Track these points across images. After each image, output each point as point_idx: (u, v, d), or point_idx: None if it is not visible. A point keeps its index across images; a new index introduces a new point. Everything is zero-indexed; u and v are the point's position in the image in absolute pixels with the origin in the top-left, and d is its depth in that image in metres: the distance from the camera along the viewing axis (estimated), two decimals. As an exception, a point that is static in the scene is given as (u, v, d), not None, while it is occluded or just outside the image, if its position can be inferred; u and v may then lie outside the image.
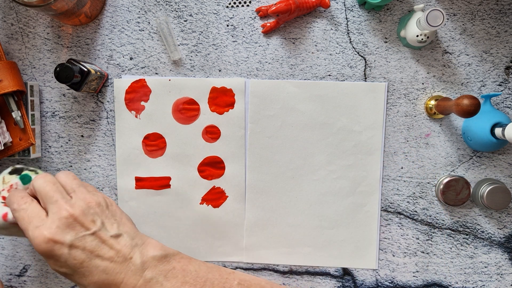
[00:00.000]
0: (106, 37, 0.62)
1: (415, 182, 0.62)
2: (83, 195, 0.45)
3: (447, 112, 0.56)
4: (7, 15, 0.62)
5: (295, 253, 0.63)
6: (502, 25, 0.61)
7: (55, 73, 0.54)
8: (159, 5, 0.62)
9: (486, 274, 0.62)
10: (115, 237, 0.44)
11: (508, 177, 0.62)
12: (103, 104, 0.63)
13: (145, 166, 0.63)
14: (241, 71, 0.62)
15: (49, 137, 0.64)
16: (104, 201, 0.46)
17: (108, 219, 0.45)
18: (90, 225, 0.43)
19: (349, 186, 0.62)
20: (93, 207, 0.44)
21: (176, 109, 0.62)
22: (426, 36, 0.57)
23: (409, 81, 0.62)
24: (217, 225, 0.63)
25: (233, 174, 0.63)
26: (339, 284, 0.63)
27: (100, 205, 0.45)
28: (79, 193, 0.45)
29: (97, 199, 0.46)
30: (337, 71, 0.62)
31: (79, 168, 0.64)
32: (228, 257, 0.64)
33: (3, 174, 0.53)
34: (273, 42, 0.62)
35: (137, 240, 0.45)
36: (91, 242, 0.43)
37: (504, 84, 0.61)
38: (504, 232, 0.62)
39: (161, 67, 0.62)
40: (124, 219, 0.47)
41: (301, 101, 0.62)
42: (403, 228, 0.63)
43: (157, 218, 0.63)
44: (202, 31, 0.62)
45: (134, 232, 0.46)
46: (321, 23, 0.62)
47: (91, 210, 0.44)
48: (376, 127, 0.62)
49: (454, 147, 0.62)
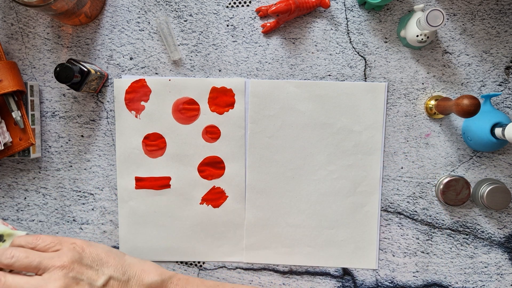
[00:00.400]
0: (106, 37, 0.62)
1: (415, 182, 0.62)
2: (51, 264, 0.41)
3: (447, 112, 0.56)
4: (7, 15, 0.62)
5: (295, 253, 0.63)
6: (502, 25, 0.61)
7: (55, 73, 0.54)
8: (159, 5, 0.62)
9: (486, 274, 0.62)
10: (106, 285, 0.42)
11: (508, 177, 0.62)
12: (103, 104, 0.63)
13: (145, 166, 0.63)
14: (241, 71, 0.62)
15: (49, 137, 0.64)
16: (75, 253, 0.43)
17: (90, 270, 0.42)
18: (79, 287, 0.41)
19: (349, 186, 0.62)
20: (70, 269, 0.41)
21: (176, 109, 0.62)
22: (426, 36, 0.57)
23: (409, 81, 0.62)
24: (217, 225, 0.63)
25: (233, 174, 0.63)
26: (339, 284, 0.63)
27: (74, 262, 0.42)
28: (46, 266, 0.41)
29: (68, 258, 0.42)
30: (337, 71, 0.62)
31: (79, 168, 0.64)
32: (228, 257, 0.64)
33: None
34: (273, 42, 0.62)
35: (129, 273, 0.44)
36: None
37: (504, 84, 0.61)
38: (504, 232, 0.62)
39: (161, 67, 0.62)
40: (103, 256, 0.44)
41: (301, 101, 0.62)
42: (403, 228, 0.63)
43: (157, 218, 0.63)
44: (202, 31, 0.62)
45: (121, 266, 0.44)
46: (321, 23, 0.62)
47: (70, 274, 0.41)
48: (376, 127, 0.62)
49: (454, 147, 0.62)
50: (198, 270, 0.64)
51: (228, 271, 0.64)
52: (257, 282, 0.64)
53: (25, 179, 0.64)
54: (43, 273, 0.41)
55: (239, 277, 0.64)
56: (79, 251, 0.43)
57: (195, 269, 0.64)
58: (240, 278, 0.64)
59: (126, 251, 0.63)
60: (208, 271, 0.64)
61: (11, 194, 0.64)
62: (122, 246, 0.64)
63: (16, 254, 0.42)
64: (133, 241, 0.63)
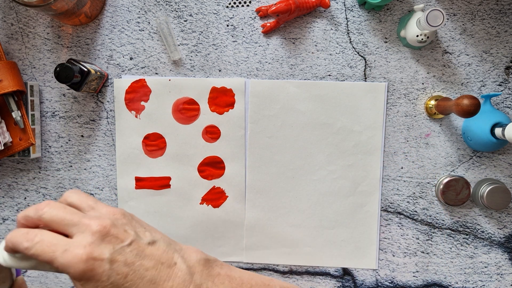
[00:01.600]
0: (106, 37, 0.62)
1: (415, 182, 0.62)
2: (105, 208, 0.41)
3: (447, 112, 0.56)
4: (7, 15, 0.62)
5: (295, 253, 0.63)
6: (502, 25, 0.61)
7: (55, 73, 0.54)
8: (159, 5, 0.62)
9: (486, 274, 0.62)
10: (151, 244, 0.41)
11: (508, 177, 0.62)
12: (103, 104, 0.63)
13: (145, 166, 0.63)
14: (241, 71, 0.62)
15: (49, 137, 0.64)
16: (127, 213, 0.43)
17: (138, 228, 0.42)
18: (125, 236, 0.39)
19: (349, 186, 0.62)
20: (120, 218, 0.41)
21: (176, 109, 0.62)
22: (426, 36, 0.57)
23: (409, 81, 0.62)
24: (217, 225, 0.63)
25: (233, 174, 0.63)
26: (339, 284, 0.63)
27: (125, 216, 0.42)
28: (99, 207, 0.41)
29: (121, 210, 0.42)
30: (337, 71, 0.62)
31: (79, 168, 0.64)
32: (228, 257, 0.64)
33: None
34: (273, 42, 0.62)
35: (175, 246, 0.43)
36: (130, 253, 0.39)
37: (504, 84, 0.61)
38: (504, 232, 0.62)
39: (161, 67, 0.62)
40: (152, 228, 0.44)
41: (301, 101, 0.62)
42: (403, 228, 0.63)
43: (157, 218, 0.63)
44: (202, 31, 0.62)
45: (168, 238, 0.43)
46: (321, 23, 0.62)
47: (119, 221, 0.40)
48: (376, 127, 0.62)
49: (454, 147, 0.62)
50: (198, 270, 0.64)
51: (228, 271, 0.64)
52: (257, 282, 0.64)
53: (25, 179, 0.64)
54: (92, 212, 0.41)
55: (239, 277, 0.64)
56: (131, 214, 0.43)
57: (195, 269, 0.64)
58: (240, 278, 0.64)
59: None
60: (208, 271, 0.64)
61: (11, 194, 0.64)
62: (122, 246, 0.64)
63: (76, 191, 0.42)
64: (133, 241, 0.63)
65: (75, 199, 0.42)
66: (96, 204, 0.42)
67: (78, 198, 0.42)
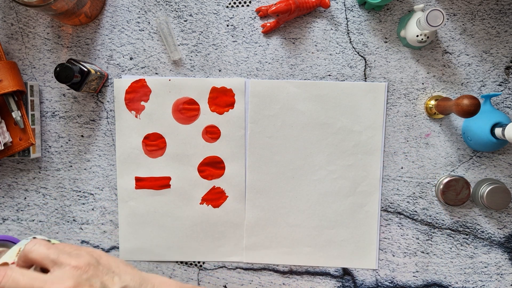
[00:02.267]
0: (106, 37, 0.62)
1: (415, 182, 0.62)
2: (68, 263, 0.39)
3: (447, 112, 0.56)
4: (7, 15, 0.62)
5: (295, 253, 0.63)
6: (502, 25, 0.61)
7: (55, 73, 0.54)
8: (159, 5, 0.62)
9: (486, 274, 0.62)
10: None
11: (508, 177, 0.62)
12: (103, 104, 0.63)
13: (145, 166, 0.63)
14: (241, 71, 0.62)
15: (49, 137, 0.64)
16: (92, 259, 0.41)
17: (106, 276, 0.40)
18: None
19: (349, 186, 0.62)
20: (85, 271, 0.39)
21: (176, 109, 0.62)
22: (426, 36, 0.57)
23: (409, 81, 0.62)
24: (217, 225, 0.63)
25: (233, 174, 0.63)
26: (339, 284, 0.63)
27: (90, 265, 0.40)
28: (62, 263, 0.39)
29: (84, 260, 0.40)
30: (337, 71, 0.62)
31: (79, 168, 0.64)
32: (228, 257, 0.64)
33: (21, 245, 0.45)
34: (273, 42, 0.62)
35: (146, 285, 0.42)
36: None
37: (504, 84, 0.61)
38: (504, 232, 0.62)
39: (161, 67, 0.62)
40: (122, 266, 0.42)
41: (301, 101, 0.62)
42: (403, 228, 0.63)
43: (157, 218, 0.63)
44: (202, 31, 0.62)
45: (138, 277, 0.42)
46: (321, 23, 0.62)
47: (84, 276, 0.39)
48: (376, 127, 0.62)
49: (454, 147, 0.62)
50: (198, 270, 0.64)
51: (228, 271, 0.64)
52: (257, 282, 0.64)
53: (25, 179, 0.64)
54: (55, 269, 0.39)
55: (239, 277, 0.64)
56: (96, 258, 0.42)
57: (195, 269, 0.64)
58: (240, 278, 0.64)
59: (126, 251, 0.63)
60: (208, 271, 0.64)
61: (11, 194, 0.64)
62: (122, 246, 0.64)
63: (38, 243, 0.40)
64: (133, 241, 0.63)
65: (35, 256, 0.40)
66: (58, 258, 0.40)
67: (38, 254, 0.40)
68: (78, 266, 0.39)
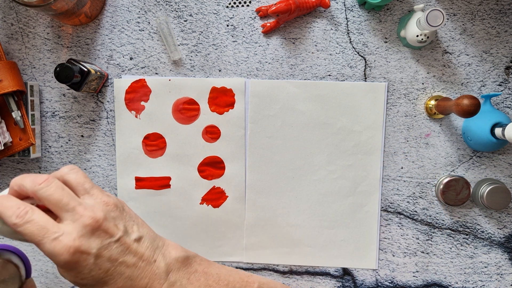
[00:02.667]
0: (106, 37, 0.62)
1: (415, 182, 0.62)
2: (100, 197, 0.41)
3: (447, 112, 0.56)
4: (7, 15, 0.62)
5: (295, 253, 0.63)
6: (502, 25, 0.61)
7: (55, 73, 0.54)
8: (159, 5, 0.62)
9: (486, 274, 0.62)
10: (137, 240, 0.41)
11: (508, 177, 0.62)
12: (103, 104, 0.63)
13: (145, 166, 0.63)
14: (241, 71, 0.62)
15: (49, 137, 0.64)
16: (119, 202, 0.43)
17: (128, 222, 0.42)
18: (114, 231, 0.40)
19: (349, 186, 0.62)
20: (113, 210, 0.41)
21: (176, 109, 0.62)
22: (426, 36, 0.57)
23: (409, 81, 0.62)
24: (217, 225, 0.63)
25: (233, 174, 0.63)
26: (339, 284, 0.63)
27: (117, 207, 0.42)
28: (95, 195, 0.41)
29: (114, 200, 0.42)
30: (337, 71, 0.62)
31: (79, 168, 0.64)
32: (228, 257, 0.64)
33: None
34: (273, 42, 0.62)
35: (158, 242, 0.44)
36: (116, 249, 0.39)
37: (504, 84, 0.61)
38: (504, 232, 0.62)
39: (161, 67, 0.62)
40: (140, 220, 0.44)
41: (301, 101, 0.62)
42: (403, 228, 0.63)
43: (157, 218, 0.63)
44: (202, 31, 0.62)
45: (153, 233, 0.44)
46: (321, 23, 0.62)
47: (112, 214, 0.40)
48: (376, 127, 0.62)
49: (454, 147, 0.62)
50: (198, 270, 0.64)
51: (228, 271, 0.64)
52: (257, 282, 0.64)
53: (25, 179, 0.64)
54: (87, 197, 0.40)
55: (239, 277, 0.64)
56: (122, 203, 0.43)
57: (195, 269, 0.64)
58: (240, 278, 0.64)
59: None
60: (208, 271, 0.64)
61: (11, 194, 0.64)
62: (122, 246, 0.64)
63: (76, 169, 0.42)
64: (133, 241, 0.63)
65: (72, 179, 0.41)
66: (91, 189, 0.41)
67: (75, 178, 0.41)
68: (108, 203, 0.41)
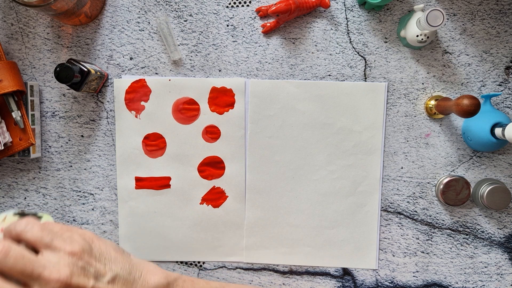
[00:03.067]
0: (106, 37, 0.62)
1: (415, 182, 0.62)
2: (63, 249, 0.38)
3: (447, 112, 0.56)
4: (7, 15, 0.62)
5: (295, 253, 0.63)
6: (502, 25, 0.61)
7: (55, 73, 0.54)
8: (159, 5, 0.62)
9: (486, 274, 0.62)
10: (111, 282, 0.40)
11: (508, 177, 0.62)
12: (103, 104, 0.63)
13: (145, 166, 0.63)
14: (241, 71, 0.62)
15: (49, 137, 0.64)
16: (85, 243, 0.40)
17: (98, 263, 0.40)
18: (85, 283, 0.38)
19: (349, 186, 0.62)
20: (80, 258, 0.38)
21: (176, 109, 0.62)
22: (426, 36, 0.57)
23: (409, 81, 0.62)
24: (217, 225, 0.63)
25: (233, 174, 0.63)
26: (339, 284, 0.63)
27: (84, 251, 0.39)
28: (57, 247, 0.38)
29: (79, 245, 0.39)
30: (337, 71, 0.62)
31: (79, 168, 0.64)
32: (228, 257, 0.64)
33: (7, 214, 0.45)
34: (273, 42, 0.62)
35: (135, 274, 0.42)
36: None
37: (504, 84, 0.61)
38: (504, 232, 0.62)
39: (161, 67, 0.62)
40: (112, 252, 0.42)
41: (301, 101, 0.62)
42: (403, 228, 0.63)
43: (157, 218, 0.63)
44: (202, 31, 0.62)
45: (128, 264, 0.42)
46: (321, 23, 0.62)
47: (79, 263, 0.38)
48: (376, 127, 0.62)
49: (454, 147, 0.62)
50: (198, 270, 0.64)
51: (228, 271, 0.64)
52: (257, 282, 0.64)
53: (25, 179, 0.64)
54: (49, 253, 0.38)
55: (239, 277, 0.64)
56: (89, 242, 0.41)
57: (195, 269, 0.64)
58: (240, 278, 0.64)
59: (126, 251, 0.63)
60: (208, 271, 0.64)
61: (11, 194, 0.64)
62: (122, 246, 0.64)
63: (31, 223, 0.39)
64: (133, 241, 0.63)
65: (30, 237, 0.39)
66: (52, 241, 0.39)
67: (32, 236, 0.39)
68: (73, 253, 0.38)
